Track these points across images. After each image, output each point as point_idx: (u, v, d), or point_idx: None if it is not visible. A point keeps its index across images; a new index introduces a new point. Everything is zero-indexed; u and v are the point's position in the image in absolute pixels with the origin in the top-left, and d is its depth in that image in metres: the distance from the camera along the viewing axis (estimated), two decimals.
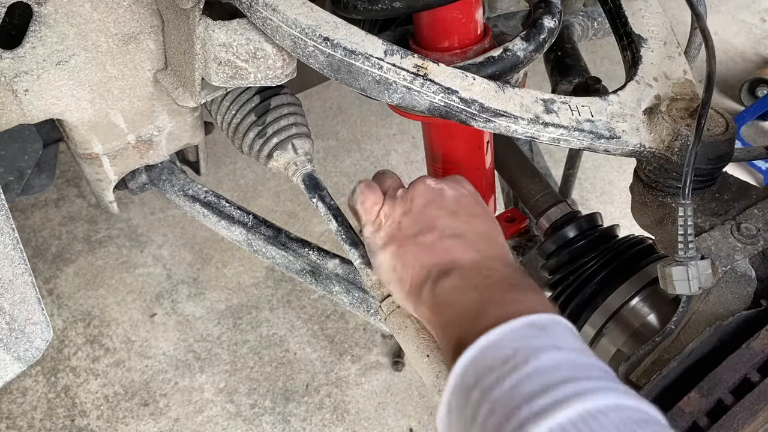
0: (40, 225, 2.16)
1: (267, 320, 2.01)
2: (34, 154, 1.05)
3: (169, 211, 2.20)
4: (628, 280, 1.03)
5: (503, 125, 0.81)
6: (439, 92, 0.78)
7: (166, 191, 1.16)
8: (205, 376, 1.89)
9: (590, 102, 0.86)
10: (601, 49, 2.70)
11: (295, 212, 2.24)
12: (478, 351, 0.63)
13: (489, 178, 1.11)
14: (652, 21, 1.00)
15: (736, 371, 0.74)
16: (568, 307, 1.08)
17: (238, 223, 1.13)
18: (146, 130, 1.05)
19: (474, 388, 0.61)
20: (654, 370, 0.85)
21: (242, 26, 0.83)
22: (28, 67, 0.87)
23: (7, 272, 0.81)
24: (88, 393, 1.85)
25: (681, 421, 0.73)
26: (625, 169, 2.41)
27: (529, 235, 1.31)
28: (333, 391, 1.88)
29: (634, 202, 0.96)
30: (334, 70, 0.78)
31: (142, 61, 0.96)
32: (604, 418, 0.54)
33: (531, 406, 0.56)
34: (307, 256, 1.12)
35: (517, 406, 0.56)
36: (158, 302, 2.03)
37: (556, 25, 0.89)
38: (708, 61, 0.89)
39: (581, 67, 1.23)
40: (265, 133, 1.05)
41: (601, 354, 1.05)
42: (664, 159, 0.86)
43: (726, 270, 0.81)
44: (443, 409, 0.65)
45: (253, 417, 1.83)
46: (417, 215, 0.80)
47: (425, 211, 0.80)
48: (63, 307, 1.99)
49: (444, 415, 0.65)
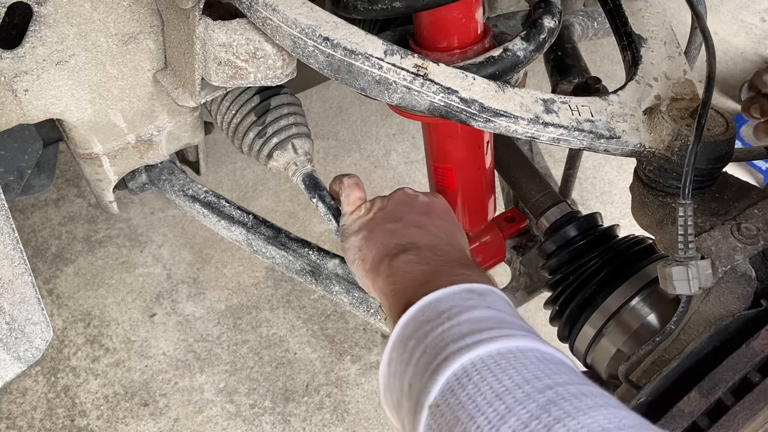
0: (40, 225, 2.16)
1: (267, 320, 2.01)
2: (34, 154, 1.05)
3: (169, 211, 2.20)
4: (627, 280, 1.03)
5: (503, 125, 0.81)
6: (439, 92, 0.78)
7: (166, 191, 1.16)
8: (205, 376, 1.89)
9: (590, 102, 0.86)
10: (601, 49, 2.70)
11: (295, 212, 2.24)
12: (418, 308, 0.70)
13: (489, 178, 1.11)
14: (652, 21, 1.00)
15: (736, 371, 0.74)
16: (568, 307, 1.08)
17: (238, 223, 1.13)
18: (146, 130, 1.05)
19: (411, 338, 0.67)
20: (654, 370, 0.85)
21: (242, 26, 0.83)
22: (28, 67, 0.87)
23: (7, 272, 0.81)
24: (88, 393, 1.85)
25: (681, 421, 0.73)
26: (625, 169, 2.41)
27: (529, 235, 1.31)
28: (333, 391, 1.88)
29: (634, 202, 0.96)
30: (334, 70, 0.78)
31: (142, 61, 0.96)
32: (521, 354, 0.60)
33: (458, 343, 0.62)
34: (307, 256, 1.12)
35: (445, 345, 0.63)
36: (158, 302, 2.03)
37: (556, 25, 0.89)
38: (708, 61, 0.89)
39: (581, 67, 1.23)
40: (265, 133, 1.05)
41: (601, 354, 1.06)
42: (664, 159, 0.86)
43: (726, 270, 0.81)
44: (384, 363, 0.70)
45: (253, 417, 1.83)
46: (389, 211, 0.91)
47: (397, 208, 0.91)
48: (63, 307, 1.99)
49: (385, 367, 0.70)
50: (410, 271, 0.79)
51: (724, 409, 0.73)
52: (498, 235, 1.19)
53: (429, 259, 0.81)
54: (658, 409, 0.75)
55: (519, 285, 1.26)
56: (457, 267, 0.79)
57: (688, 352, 0.78)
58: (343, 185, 0.96)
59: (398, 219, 0.89)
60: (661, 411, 0.74)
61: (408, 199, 0.93)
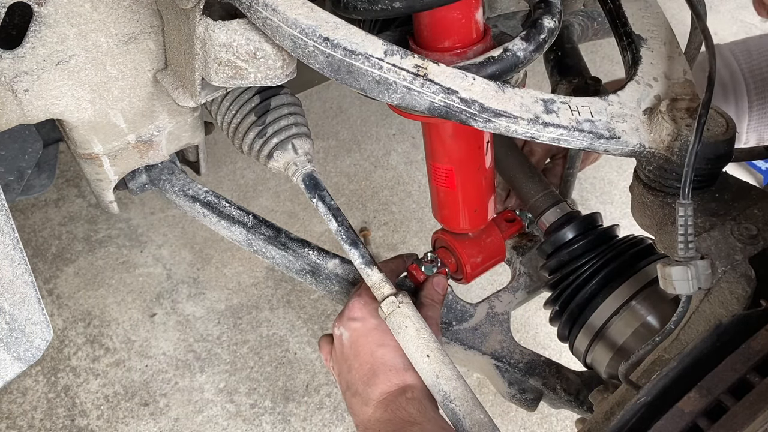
0: (40, 225, 2.16)
1: (267, 320, 2.01)
2: (34, 154, 1.05)
3: (169, 211, 2.20)
4: (627, 280, 1.03)
5: (503, 125, 0.81)
6: (439, 92, 0.78)
7: (166, 191, 1.16)
8: (205, 376, 1.89)
9: (590, 102, 0.86)
10: (601, 49, 2.70)
11: (295, 212, 2.24)
12: None
13: (489, 178, 1.11)
14: (652, 21, 1.00)
15: (736, 371, 0.74)
16: (568, 307, 1.08)
17: (238, 223, 1.13)
18: (146, 130, 1.05)
19: None
20: (654, 370, 0.85)
21: (242, 26, 0.83)
22: (28, 67, 0.87)
23: (7, 272, 0.81)
24: (88, 393, 1.85)
25: (681, 421, 0.73)
26: (625, 169, 2.41)
27: (529, 235, 1.31)
28: (333, 391, 1.88)
29: (634, 203, 0.96)
30: (334, 70, 0.78)
31: (142, 61, 0.96)
32: None
33: None
34: (307, 256, 1.12)
35: None
36: (158, 302, 2.03)
37: (556, 25, 0.89)
38: (708, 61, 0.89)
39: (581, 67, 1.23)
40: (265, 133, 1.05)
41: (600, 354, 1.06)
42: (664, 159, 0.86)
43: (726, 270, 0.81)
44: None
45: (253, 417, 1.83)
46: (338, 376, 1.04)
47: (339, 376, 1.04)
48: (63, 307, 1.99)
49: None
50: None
51: (724, 410, 0.73)
52: (498, 235, 1.19)
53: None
54: (657, 409, 0.75)
55: (519, 285, 1.26)
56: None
57: (688, 352, 0.78)
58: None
59: (344, 387, 1.02)
60: (660, 411, 0.74)
61: (335, 355, 1.05)
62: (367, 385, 0.95)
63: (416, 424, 0.88)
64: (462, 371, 0.95)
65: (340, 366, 1.02)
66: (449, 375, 0.91)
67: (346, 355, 1.00)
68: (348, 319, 1.00)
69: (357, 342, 0.98)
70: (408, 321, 0.94)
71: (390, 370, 0.95)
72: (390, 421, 0.90)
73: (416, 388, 0.93)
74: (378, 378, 0.95)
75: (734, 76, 1.34)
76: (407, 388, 0.93)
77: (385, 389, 0.94)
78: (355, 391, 0.96)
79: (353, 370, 0.98)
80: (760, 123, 1.37)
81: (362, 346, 0.98)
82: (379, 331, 0.97)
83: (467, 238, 1.17)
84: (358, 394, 0.96)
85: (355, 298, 1.02)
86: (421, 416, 0.89)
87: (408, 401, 0.91)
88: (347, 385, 0.99)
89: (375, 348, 0.97)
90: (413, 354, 0.93)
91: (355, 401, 0.96)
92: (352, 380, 0.97)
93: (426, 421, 0.89)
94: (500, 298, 1.23)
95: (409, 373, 0.94)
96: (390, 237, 2.23)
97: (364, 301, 1.01)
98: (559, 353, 1.66)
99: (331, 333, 1.06)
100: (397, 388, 0.93)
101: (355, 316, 1.00)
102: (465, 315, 1.19)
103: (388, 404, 0.92)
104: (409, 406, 0.91)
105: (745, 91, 1.34)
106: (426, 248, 1.21)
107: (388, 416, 0.91)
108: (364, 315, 0.99)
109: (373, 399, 0.94)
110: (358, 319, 1.00)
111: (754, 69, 1.34)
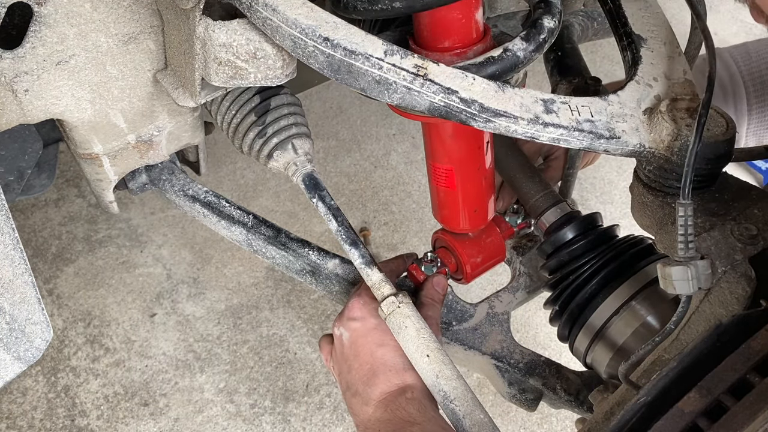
0: (40, 225, 2.16)
1: (267, 320, 2.01)
2: (34, 154, 1.05)
3: (169, 211, 2.20)
4: (627, 280, 1.03)
5: (503, 125, 0.81)
6: (439, 92, 0.78)
7: (166, 191, 1.16)
8: (205, 376, 1.89)
9: (590, 102, 0.86)
10: (601, 49, 2.70)
11: (295, 212, 2.24)
12: None
13: (489, 178, 1.11)
14: (652, 21, 1.00)
15: (736, 371, 0.74)
16: (567, 307, 1.08)
17: (238, 223, 1.13)
18: (146, 130, 1.05)
19: None
20: (654, 370, 0.85)
21: (242, 26, 0.83)
22: (28, 67, 0.87)
23: (7, 272, 0.81)
24: (88, 393, 1.85)
25: (681, 421, 0.73)
26: (625, 169, 2.41)
27: (529, 235, 1.31)
28: (333, 391, 1.88)
29: (634, 203, 0.96)
30: (334, 70, 0.78)
31: (142, 61, 0.96)
32: None
33: None
34: (307, 256, 1.12)
35: None
36: (158, 302, 2.03)
37: (556, 25, 0.89)
38: (708, 61, 0.88)
39: (581, 67, 1.23)
40: (265, 133, 1.05)
41: (600, 354, 1.06)
42: (664, 159, 0.86)
43: (726, 270, 0.81)
44: None
45: (253, 417, 1.83)
46: (338, 376, 1.05)
47: (339, 376, 1.04)
48: (63, 307, 1.99)
49: None
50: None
51: (723, 410, 0.72)
52: (498, 235, 1.19)
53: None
54: (657, 409, 0.75)
55: (519, 285, 1.26)
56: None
57: (688, 352, 0.78)
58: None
59: (344, 388, 1.03)
60: (660, 411, 0.74)
61: (336, 356, 1.05)
62: (367, 385, 0.95)
63: (416, 424, 0.88)
64: (462, 371, 0.95)
65: (340, 366, 1.02)
66: (449, 375, 0.91)
67: (346, 355, 1.00)
68: (348, 319, 1.00)
69: (357, 342, 0.98)
70: (408, 321, 0.94)
71: (390, 370, 0.95)
72: (390, 421, 0.90)
73: (416, 388, 0.93)
74: (378, 378, 0.95)
75: (734, 79, 1.35)
76: (407, 388, 0.93)
77: (385, 389, 0.94)
78: (355, 391, 0.96)
79: (353, 370, 0.98)
80: (760, 126, 1.36)
81: (362, 346, 0.98)
82: (379, 331, 0.97)
83: (467, 238, 1.17)
84: (358, 394, 0.96)
85: (355, 298, 1.02)
86: (421, 416, 0.89)
87: (408, 401, 0.91)
88: (347, 385, 0.99)
89: (375, 348, 0.97)
90: (413, 354, 0.93)
91: (355, 401, 0.96)
92: (352, 380, 0.97)
93: (426, 421, 0.89)
94: (500, 298, 1.23)
95: (409, 373, 0.94)
96: (390, 237, 2.23)
97: (364, 301, 1.01)
98: (559, 353, 1.66)
99: (331, 333, 1.06)
100: (397, 388, 0.93)
101: (355, 316, 1.00)
102: (465, 315, 1.19)
103: (388, 404, 0.92)
104: (409, 406, 0.91)
105: (745, 95, 1.34)
106: (426, 248, 1.21)
107: (388, 416, 0.91)
108: (364, 315, 1.00)
109: (373, 399, 0.94)
110: (358, 319, 1.00)
111: (753, 72, 1.34)
